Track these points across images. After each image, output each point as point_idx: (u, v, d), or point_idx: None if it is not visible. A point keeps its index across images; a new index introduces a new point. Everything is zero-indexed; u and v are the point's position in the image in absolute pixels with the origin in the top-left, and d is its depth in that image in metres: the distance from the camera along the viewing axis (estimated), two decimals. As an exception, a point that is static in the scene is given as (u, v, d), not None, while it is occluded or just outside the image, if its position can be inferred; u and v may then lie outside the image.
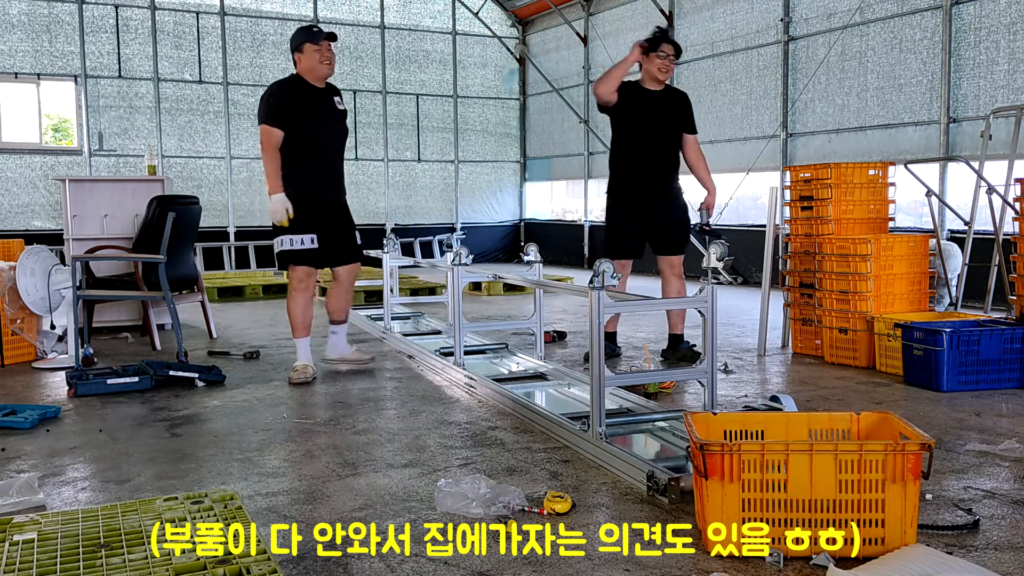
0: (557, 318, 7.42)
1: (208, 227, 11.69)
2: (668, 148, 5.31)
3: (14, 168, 11.73)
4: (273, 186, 4.79)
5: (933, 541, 2.50)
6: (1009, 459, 3.29)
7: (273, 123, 4.79)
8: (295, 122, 4.83)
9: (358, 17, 13.75)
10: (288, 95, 4.87)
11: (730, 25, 10.94)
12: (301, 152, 4.87)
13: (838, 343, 5.37)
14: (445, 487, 2.83)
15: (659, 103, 5.30)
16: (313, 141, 4.90)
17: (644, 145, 5.24)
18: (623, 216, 5.33)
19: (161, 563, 2.15)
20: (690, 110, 5.39)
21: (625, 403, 4.08)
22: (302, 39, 4.92)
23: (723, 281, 10.18)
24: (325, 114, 4.97)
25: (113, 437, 3.79)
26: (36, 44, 11.68)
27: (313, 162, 4.91)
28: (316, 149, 4.92)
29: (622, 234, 5.34)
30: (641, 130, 5.24)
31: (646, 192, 5.27)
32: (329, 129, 5.00)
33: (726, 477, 2.37)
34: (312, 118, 4.89)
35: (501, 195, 15.28)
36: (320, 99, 4.97)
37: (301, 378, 4.91)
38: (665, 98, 5.34)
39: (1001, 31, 7.93)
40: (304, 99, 4.90)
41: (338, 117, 5.07)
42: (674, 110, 5.34)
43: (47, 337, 5.72)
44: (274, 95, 4.87)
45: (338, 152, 5.12)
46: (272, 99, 4.85)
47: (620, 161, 5.33)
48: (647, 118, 5.25)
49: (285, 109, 4.82)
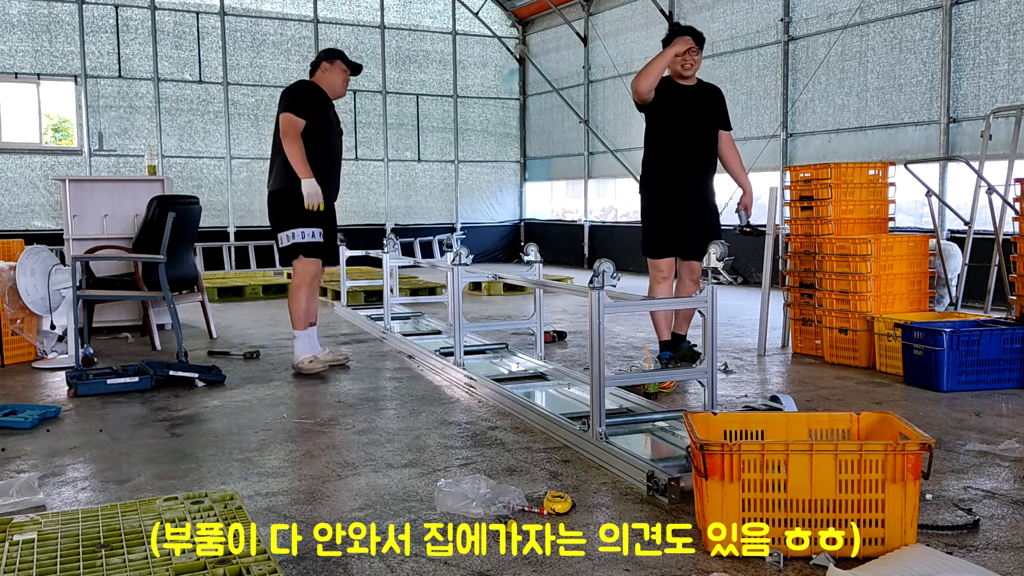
0: (557, 318, 7.42)
1: (208, 227, 11.69)
2: (706, 146, 5.04)
3: (14, 168, 11.73)
4: (304, 172, 4.92)
5: (933, 541, 2.50)
6: (1009, 459, 3.29)
7: (299, 112, 4.95)
8: (315, 121, 5.02)
9: (358, 17, 13.75)
10: (314, 94, 5.10)
11: (730, 25, 10.94)
12: (316, 151, 5.03)
13: (838, 343, 5.37)
14: (445, 487, 2.83)
15: (694, 98, 5.03)
16: (325, 143, 5.11)
17: (681, 143, 4.98)
18: (666, 211, 4.99)
19: (161, 563, 2.15)
20: (724, 105, 5.14)
21: (625, 403, 4.08)
22: (336, 56, 5.20)
23: (723, 281, 10.17)
24: (335, 123, 5.25)
25: (113, 437, 3.79)
26: (36, 44, 11.68)
27: (322, 162, 5.07)
28: (327, 152, 5.12)
29: (667, 229, 4.98)
30: (678, 127, 4.99)
31: (683, 191, 5.00)
32: (336, 137, 5.24)
33: (726, 477, 2.37)
34: (326, 123, 5.13)
35: (501, 195, 15.28)
36: (332, 110, 5.24)
37: (314, 368, 5.09)
38: (699, 93, 5.07)
39: (1001, 31, 7.93)
40: (324, 103, 5.15)
41: (339, 132, 5.34)
42: (709, 105, 5.08)
43: (47, 337, 5.72)
44: (302, 90, 5.08)
45: (340, 157, 5.32)
46: (300, 93, 5.05)
47: (657, 159, 5.05)
48: (683, 114, 4.99)
49: (311, 104, 5.02)
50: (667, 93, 4.99)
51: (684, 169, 5.00)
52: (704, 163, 5.06)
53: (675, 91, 5.01)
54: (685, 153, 4.99)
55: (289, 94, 5.03)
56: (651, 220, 5.06)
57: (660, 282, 5.02)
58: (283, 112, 4.96)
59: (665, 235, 4.98)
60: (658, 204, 5.02)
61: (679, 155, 4.98)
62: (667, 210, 4.97)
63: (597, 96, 13.53)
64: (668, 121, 5.00)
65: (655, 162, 5.07)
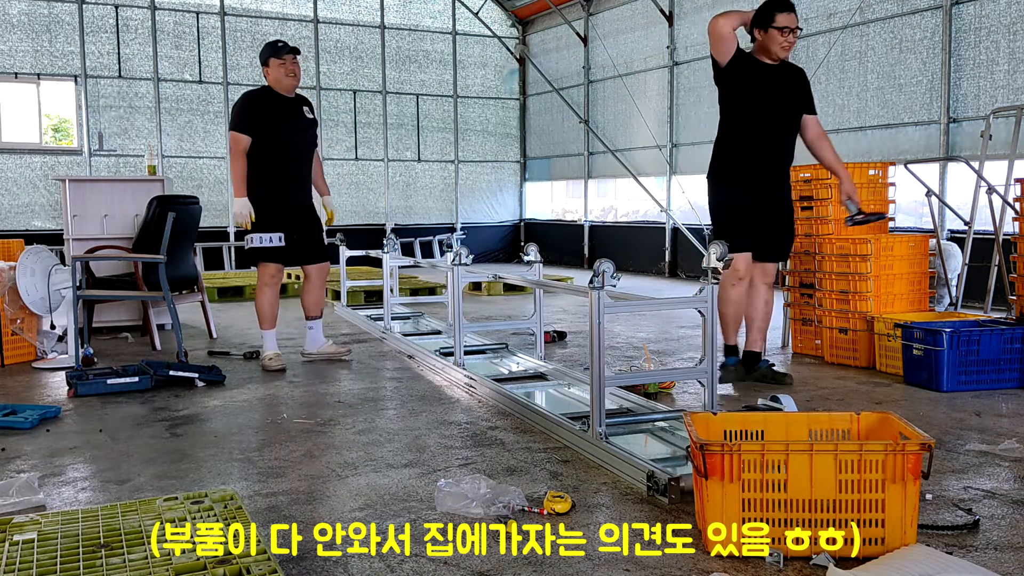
0: (557, 318, 7.42)
1: (208, 227, 11.67)
2: (790, 133, 4.65)
3: (14, 168, 11.72)
4: (238, 190, 5.18)
5: (933, 541, 2.50)
6: (1009, 459, 3.29)
7: (241, 129, 5.17)
8: (263, 129, 5.19)
9: (358, 17, 13.75)
10: (256, 104, 5.25)
11: (730, 25, 10.92)
12: (269, 157, 5.22)
13: (838, 343, 5.37)
14: (445, 487, 2.83)
15: (779, 79, 4.60)
16: (280, 147, 5.25)
17: (764, 128, 4.57)
18: (745, 200, 4.60)
19: (161, 563, 2.15)
20: (809, 87, 4.74)
21: (625, 403, 4.08)
22: (268, 54, 5.28)
23: (723, 281, 10.18)
24: (292, 122, 5.31)
25: (113, 437, 3.79)
26: (36, 44, 11.68)
27: (280, 166, 5.26)
28: (283, 154, 5.27)
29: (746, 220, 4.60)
30: (761, 109, 4.54)
31: (763, 182, 4.60)
32: (295, 136, 5.33)
33: (726, 477, 2.37)
34: (279, 126, 5.24)
35: (501, 195, 15.28)
36: (288, 108, 5.32)
37: (276, 365, 5.30)
38: (784, 74, 4.63)
39: (1001, 31, 7.93)
40: (272, 108, 5.25)
41: (306, 125, 5.40)
42: (795, 88, 4.65)
43: (47, 337, 5.72)
44: (243, 104, 5.25)
45: (305, 158, 5.43)
46: (241, 108, 5.24)
47: (735, 144, 4.62)
48: (767, 96, 4.55)
49: (253, 117, 5.19)
50: (749, 71, 4.54)
51: (765, 157, 4.58)
52: (787, 152, 4.68)
53: (758, 70, 4.55)
54: (767, 139, 4.56)
55: (234, 111, 5.29)
56: (728, 211, 4.63)
57: (735, 284, 4.60)
58: (229, 130, 5.24)
59: (744, 228, 4.56)
60: (736, 195, 4.61)
61: (761, 141, 4.56)
62: (746, 202, 4.59)
63: (597, 96, 13.53)
64: (750, 102, 4.54)
65: (732, 148, 4.63)
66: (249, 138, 5.17)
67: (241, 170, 5.17)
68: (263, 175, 5.23)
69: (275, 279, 5.40)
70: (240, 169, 5.17)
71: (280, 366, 5.31)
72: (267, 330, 5.42)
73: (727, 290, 4.63)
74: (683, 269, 11.89)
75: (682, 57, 11.69)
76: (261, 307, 5.41)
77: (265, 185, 5.24)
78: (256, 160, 5.22)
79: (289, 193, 5.30)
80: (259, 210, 5.22)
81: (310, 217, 5.46)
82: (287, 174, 5.29)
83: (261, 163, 5.21)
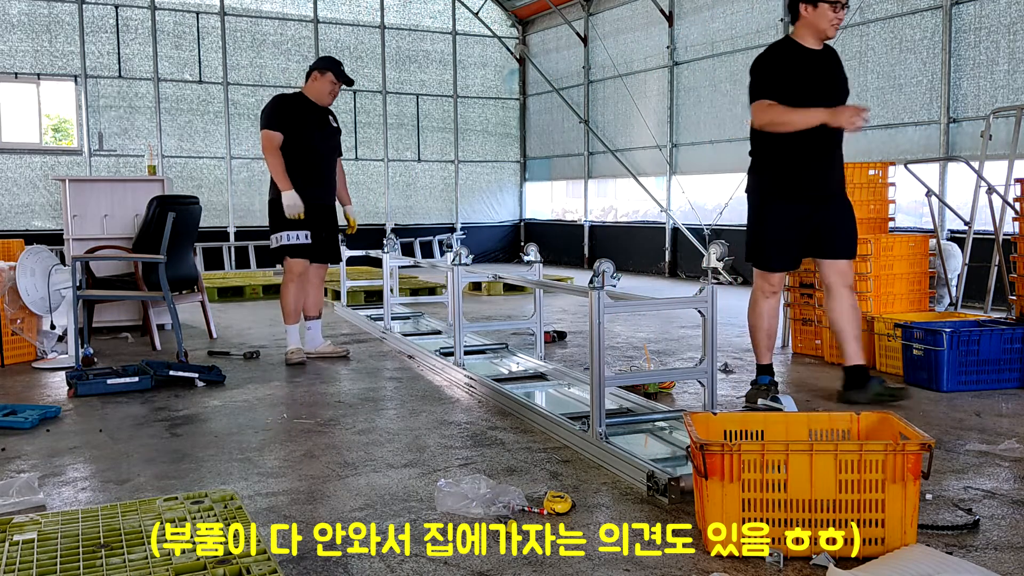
0: (557, 318, 7.42)
1: (208, 227, 11.67)
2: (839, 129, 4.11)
3: (14, 168, 11.72)
4: (284, 184, 5.31)
5: (933, 541, 2.50)
6: (1009, 459, 3.29)
7: (274, 127, 5.32)
8: (293, 130, 5.35)
9: (358, 17, 13.75)
10: (289, 105, 5.42)
11: (730, 25, 10.93)
12: (296, 158, 5.37)
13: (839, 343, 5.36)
14: (445, 487, 2.83)
15: (825, 66, 4.13)
16: (308, 148, 5.42)
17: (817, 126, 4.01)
18: (789, 215, 4.13)
19: (161, 563, 2.15)
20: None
21: (625, 403, 4.08)
22: (328, 67, 5.48)
23: (723, 281, 10.18)
24: (318, 127, 5.50)
25: (113, 437, 3.79)
26: (36, 44, 11.67)
27: (306, 167, 5.41)
28: (309, 156, 5.43)
29: (786, 239, 4.16)
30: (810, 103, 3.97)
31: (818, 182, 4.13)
32: (321, 140, 5.51)
33: (726, 477, 2.37)
34: (307, 128, 5.43)
35: (501, 195, 15.28)
36: (316, 114, 5.51)
37: (296, 359, 5.46)
38: (828, 60, 4.17)
39: (1001, 31, 7.93)
40: (302, 111, 5.44)
41: (331, 132, 5.61)
42: (840, 75, 4.20)
43: (47, 337, 5.72)
44: (276, 105, 5.42)
45: (329, 162, 5.60)
46: (274, 108, 5.40)
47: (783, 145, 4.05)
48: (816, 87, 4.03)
49: (285, 117, 5.36)
50: (793, 60, 4.04)
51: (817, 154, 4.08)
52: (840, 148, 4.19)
53: (803, 58, 4.05)
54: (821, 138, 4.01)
55: (265, 111, 5.41)
56: (769, 227, 4.15)
57: (768, 297, 4.27)
58: (261, 129, 5.36)
59: (786, 244, 4.16)
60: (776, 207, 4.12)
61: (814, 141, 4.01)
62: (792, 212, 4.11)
63: (597, 96, 13.52)
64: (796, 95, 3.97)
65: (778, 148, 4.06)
66: (281, 135, 5.31)
67: (281, 165, 5.31)
68: (293, 174, 5.36)
69: (303, 275, 5.53)
70: (280, 164, 5.31)
71: (301, 359, 5.46)
72: (291, 324, 5.55)
73: (759, 303, 4.28)
74: (683, 269, 11.89)
75: (682, 57, 11.69)
76: (287, 302, 5.53)
77: (296, 184, 5.36)
78: (287, 160, 5.35)
79: (315, 193, 5.43)
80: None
81: (332, 218, 5.64)
82: (312, 175, 5.44)
83: (291, 163, 5.35)
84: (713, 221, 10.73)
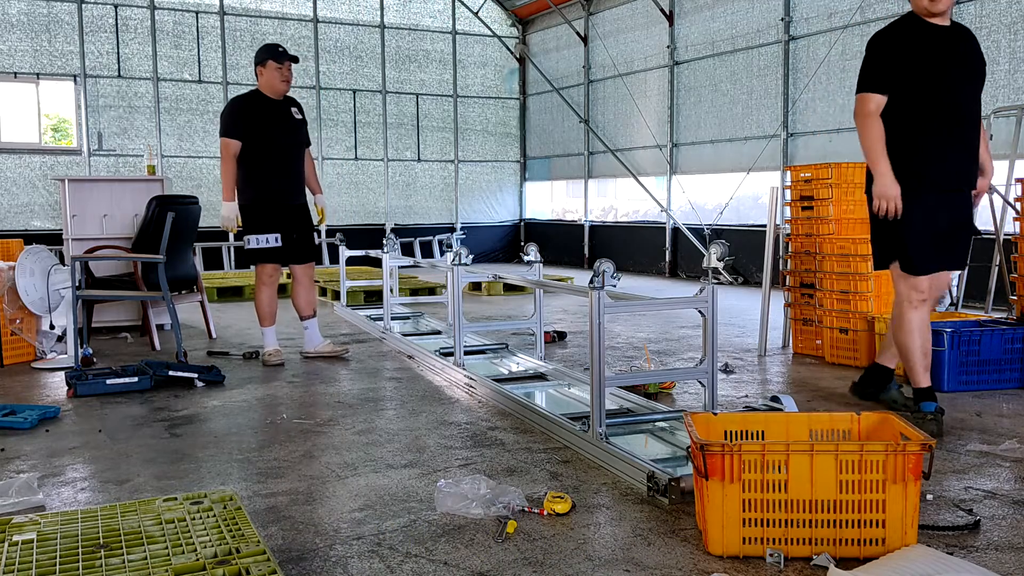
0: (557, 318, 7.41)
1: (207, 227, 11.62)
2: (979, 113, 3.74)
3: (13, 168, 11.71)
4: (226, 195, 5.33)
5: (934, 541, 2.49)
6: (1010, 459, 3.29)
7: (231, 135, 5.29)
8: (253, 132, 5.30)
9: (358, 17, 13.74)
10: (244, 108, 5.35)
11: (731, 24, 10.93)
12: (262, 159, 5.33)
13: (839, 343, 5.37)
14: (445, 487, 2.83)
15: (958, 46, 3.64)
16: (271, 148, 5.36)
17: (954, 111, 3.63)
18: (948, 208, 3.68)
19: (161, 563, 2.15)
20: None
21: (625, 403, 4.07)
22: (267, 56, 5.38)
23: (723, 281, 10.18)
24: (281, 123, 5.42)
25: (112, 437, 3.78)
26: (35, 44, 11.67)
27: (273, 168, 5.37)
28: (275, 156, 5.38)
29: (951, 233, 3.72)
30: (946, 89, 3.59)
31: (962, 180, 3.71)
32: (285, 137, 5.44)
33: (727, 477, 2.37)
34: (269, 128, 5.35)
35: (501, 195, 15.27)
36: (276, 110, 5.42)
37: (275, 360, 5.44)
38: (960, 38, 3.68)
39: (1001, 31, 7.92)
40: (261, 111, 5.36)
41: (295, 126, 5.51)
42: (977, 55, 3.71)
43: (46, 337, 5.71)
44: (232, 110, 5.38)
45: (296, 158, 5.52)
46: (230, 114, 5.36)
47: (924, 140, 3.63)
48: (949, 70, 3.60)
49: (242, 122, 5.30)
50: (923, 39, 3.59)
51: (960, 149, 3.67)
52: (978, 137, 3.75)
53: (933, 36, 3.60)
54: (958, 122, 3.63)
55: (223, 117, 5.39)
56: (926, 227, 3.65)
57: (918, 306, 3.69)
58: (220, 136, 5.40)
59: (942, 244, 3.70)
60: (931, 199, 3.64)
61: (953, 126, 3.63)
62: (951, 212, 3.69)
63: (597, 96, 13.52)
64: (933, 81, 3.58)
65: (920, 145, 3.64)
66: (239, 143, 5.28)
67: (231, 175, 5.30)
68: (257, 177, 5.35)
69: (272, 278, 5.54)
70: (230, 174, 5.30)
71: (279, 361, 5.45)
72: (266, 327, 5.56)
73: (905, 316, 3.72)
74: (683, 269, 11.89)
75: (682, 57, 11.68)
76: (260, 305, 5.56)
77: (260, 187, 5.37)
78: (249, 163, 5.33)
79: (284, 194, 5.42)
80: (256, 211, 5.36)
81: (304, 217, 5.59)
82: (280, 175, 5.40)
83: (254, 165, 5.32)
84: (713, 221, 10.73)
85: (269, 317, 5.55)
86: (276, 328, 5.60)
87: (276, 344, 5.57)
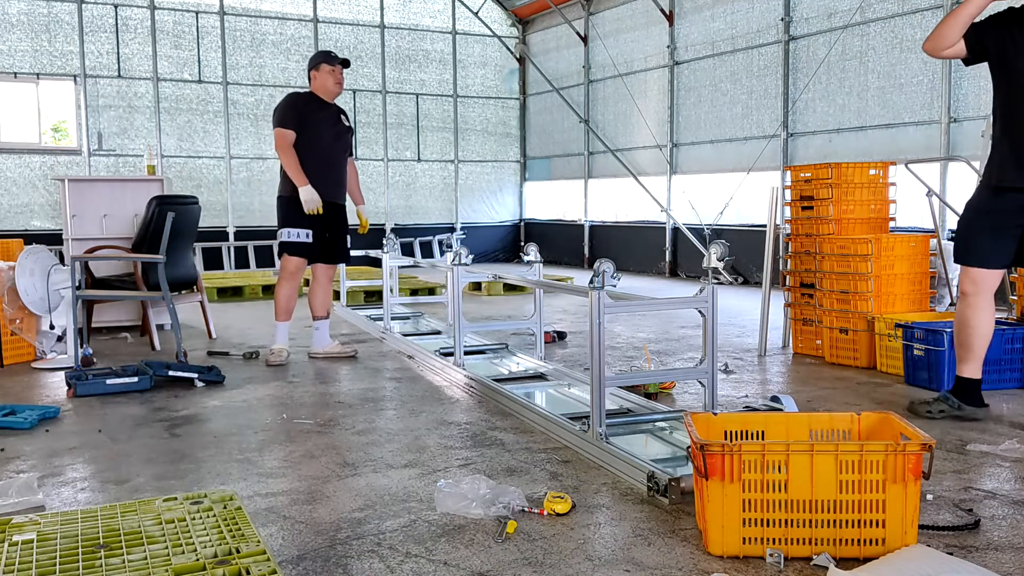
0: (557, 318, 7.41)
1: (208, 227, 11.67)
2: None
3: (13, 168, 11.72)
4: (299, 180, 5.32)
5: (934, 541, 2.49)
6: (1010, 459, 3.29)
7: (287, 125, 5.36)
8: (303, 128, 5.39)
9: (358, 17, 13.74)
10: (300, 104, 5.46)
11: (730, 25, 10.93)
12: (306, 155, 5.38)
13: (839, 343, 5.37)
14: (445, 487, 2.83)
15: None
16: (316, 146, 5.44)
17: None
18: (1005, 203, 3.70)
19: (161, 563, 2.15)
20: None
21: (625, 403, 4.07)
22: (320, 60, 5.53)
23: (723, 281, 10.18)
24: (330, 124, 5.53)
25: (112, 437, 3.78)
26: (35, 44, 11.67)
27: (316, 165, 5.44)
28: (319, 154, 5.44)
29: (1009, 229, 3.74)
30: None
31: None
32: (331, 139, 5.53)
33: (726, 477, 2.37)
34: (318, 126, 5.45)
35: (501, 195, 15.28)
36: (326, 111, 5.54)
37: (278, 360, 5.44)
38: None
39: (1001, 31, 7.91)
40: (313, 110, 5.47)
41: (341, 131, 5.62)
42: None
43: (46, 337, 5.71)
44: (289, 103, 5.47)
45: (339, 160, 5.62)
46: (286, 106, 5.44)
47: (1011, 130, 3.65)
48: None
49: (297, 115, 5.39)
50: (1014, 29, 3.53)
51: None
52: None
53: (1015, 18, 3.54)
54: None
55: (278, 109, 5.45)
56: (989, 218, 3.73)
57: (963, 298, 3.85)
58: (274, 127, 5.39)
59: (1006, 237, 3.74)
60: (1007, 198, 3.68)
61: None
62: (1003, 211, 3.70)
63: (597, 96, 13.52)
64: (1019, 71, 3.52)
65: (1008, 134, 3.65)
66: (295, 133, 5.34)
67: (295, 161, 5.32)
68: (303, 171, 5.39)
69: (296, 273, 5.54)
70: (294, 160, 5.32)
71: (280, 361, 5.44)
72: (280, 322, 5.55)
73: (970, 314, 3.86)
74: (683, 269, 11.89)
75: (682, 57, 11.68)
76: (279, 298, 5.56)
77: None
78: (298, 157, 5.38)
79: (323, 191, 5.42)
80: (293, 205, 5.39)
81: (340, 218, 5.63)
82: (321, 174, 5.43)
83: (300, 160, 5.37)
84: (713, 221, 10.73)
85: (284, 313, 5.55)
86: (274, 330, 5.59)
87: (286, 342, 5.56)
